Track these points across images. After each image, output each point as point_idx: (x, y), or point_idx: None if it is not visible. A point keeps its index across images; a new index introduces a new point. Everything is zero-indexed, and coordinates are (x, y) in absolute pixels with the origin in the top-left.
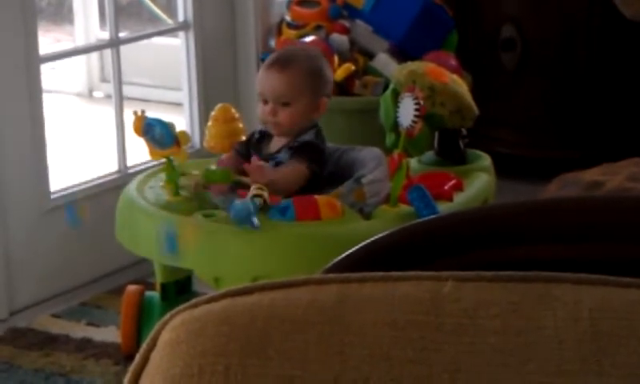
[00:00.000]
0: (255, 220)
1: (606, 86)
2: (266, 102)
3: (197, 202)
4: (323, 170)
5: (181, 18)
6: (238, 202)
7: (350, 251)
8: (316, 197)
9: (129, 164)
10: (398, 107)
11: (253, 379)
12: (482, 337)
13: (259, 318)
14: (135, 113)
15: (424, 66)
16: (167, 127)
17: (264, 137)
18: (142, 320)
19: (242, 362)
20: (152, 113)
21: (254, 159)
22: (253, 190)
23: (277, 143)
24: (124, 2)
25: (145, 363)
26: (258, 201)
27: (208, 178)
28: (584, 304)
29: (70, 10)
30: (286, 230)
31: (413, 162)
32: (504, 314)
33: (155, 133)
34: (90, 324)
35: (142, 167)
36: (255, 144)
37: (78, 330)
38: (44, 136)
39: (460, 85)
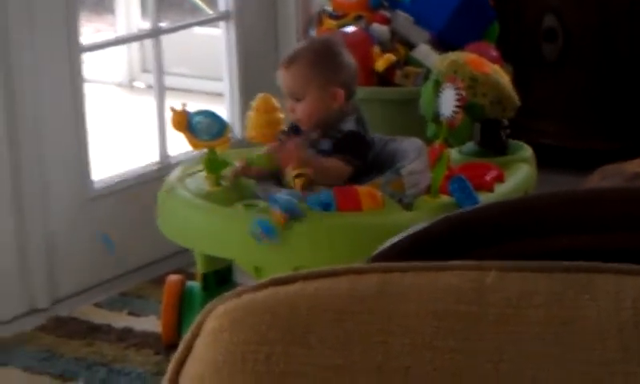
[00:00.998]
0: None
1: None
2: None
3: (236, 193)
4: (367, 158)
5: (222, 7)
6: (280, 195)
7: (392, 241)
8: (357, 187)
9: (170, 154)
10: (438, 97)
11: (295, 368)
12: (525, 326)
13: (302, 306)
14: (172, 108)
15: (465, 57)
16: (216, 117)
17: None
18: (182, 310)
19: (285, 351)
20: (193, 103)
21: (290, 142)
22: (294, 171)
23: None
24: None
25: (189, 351)
26: (300, 182)
27: (251, 162)
28: (626, 293)
29: (112, 0)
30: (327, 220)
31: (453, 153)
32: (547, 303)
33: (203, 124)
34: (131, 313)
35: (183, 157)
36: (296, 132)
37: (120, 320)
38: (85, 126)
39: (501, 75)
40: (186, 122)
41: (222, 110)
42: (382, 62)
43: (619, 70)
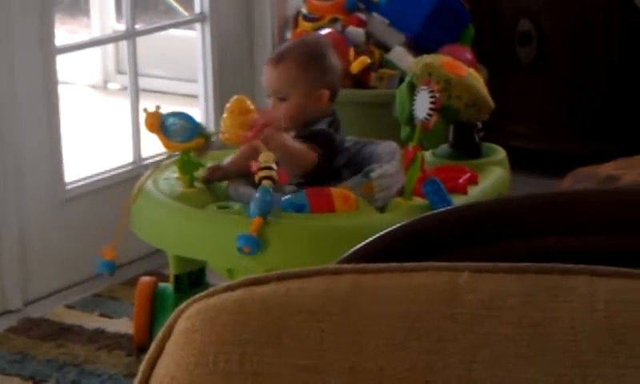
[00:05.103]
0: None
1: (621, 80)
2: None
3: (210, 194)
4: (333, 161)
5: (197, 9)
6: (254, 199)
7: (366, 242)
8: (330, 189)
9: (143, 155)
10: (413, 100)
11: (267, 368)
12: (497, 328)
13: (275, 307)
14: (146, 110)
15: (440, 59)
16: (189, 119)
17: None
18: (154, 311)
19: (257, 351)
20: (167, 105)
21: (263, 111)
22: (260, 173)
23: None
24: None
25: (160, 352)
26: (268, 184)
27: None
28: (600, 295)
29: (87, 2)
30: (300, 222)
31: (428, 155)
32: (520, 305)
33: (177, 126)
34: (103, 315)
35: (157, 159)
36: None
37: (92, 321)
38: (59, 127)
39: (476, 78)
40: (159, 124)
41: (197, 112)
42: (356, 65)
43: (593, 74)
